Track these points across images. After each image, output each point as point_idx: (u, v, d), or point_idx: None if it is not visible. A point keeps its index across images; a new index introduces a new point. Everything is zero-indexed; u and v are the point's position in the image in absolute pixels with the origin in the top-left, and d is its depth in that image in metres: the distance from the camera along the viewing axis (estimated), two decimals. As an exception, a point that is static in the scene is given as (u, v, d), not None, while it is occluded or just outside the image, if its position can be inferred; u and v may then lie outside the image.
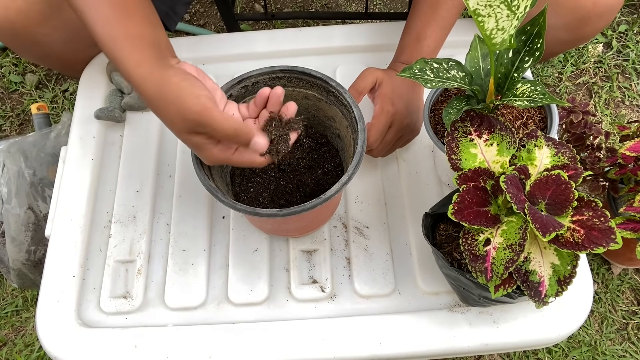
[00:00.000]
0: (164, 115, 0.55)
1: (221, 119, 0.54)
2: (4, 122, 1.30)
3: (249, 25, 1.42)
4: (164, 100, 0.54)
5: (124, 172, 0.80)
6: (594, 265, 1.09)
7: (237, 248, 0.73)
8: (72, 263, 0.72)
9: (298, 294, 0.70)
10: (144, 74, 0.55)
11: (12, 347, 1.05)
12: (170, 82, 0.54)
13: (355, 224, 0.75)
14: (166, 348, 0.66)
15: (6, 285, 1.10)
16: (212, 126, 0.54)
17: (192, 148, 0.58)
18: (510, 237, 0.52)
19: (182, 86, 0.54)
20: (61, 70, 1.13)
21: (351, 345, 0.65)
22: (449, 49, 0.81)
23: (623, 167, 0.84)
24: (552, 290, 0.51)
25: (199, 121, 0.53)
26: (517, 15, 0.50)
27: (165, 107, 0.54)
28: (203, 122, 0.53)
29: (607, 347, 1.02)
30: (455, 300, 0.69)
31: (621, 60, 1.33)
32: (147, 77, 0.55)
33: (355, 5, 1.48)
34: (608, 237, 0.50)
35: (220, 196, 0.58)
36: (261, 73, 0.65)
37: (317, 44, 0.90)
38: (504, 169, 0.57)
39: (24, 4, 0.76)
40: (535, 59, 0.57)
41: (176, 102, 0.53)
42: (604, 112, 1.26)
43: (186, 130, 0.55)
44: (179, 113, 0.53)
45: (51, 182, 0.97)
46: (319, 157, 0.74)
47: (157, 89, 0.54)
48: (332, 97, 0.66)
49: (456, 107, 0.60)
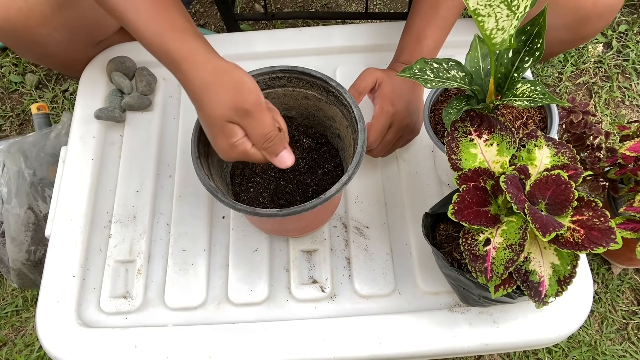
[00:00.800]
0: (212, 99, 0.56)
1: (268, 117, 0.57)
2: (4, 122, 1.30)
3: (249, 25, 1.42)
4: (221, 85, 0.56)
5: (124, 172, 0.80)
6: (594, 265, 1.09)
7: (237, 248, 0.73)
8: (72, 263, 0.72)
9: (298, 294, 0.70)
10: (200, 60, 0.58)
11: (12, 347, 1.05)
12: (232, 71, 0.57)
13: (355, 224, 0.75)
14: (166, 348, 0.66)
15: (6, 285, 1.10)
16: (259, 120, 0.56)
17: (222, 136, 0.58)
18: (510, 237, 0.52)
19: (244, 78, 0.57)
20: (61, 70, 1.13)
21: (351, 345, 0.65)
22: (449, 49, 0.81)
23: (623, 167, 0.84)
24: (552, 290, 0.51)
25: (249, 111, 0.56)
26: (517, 15, 0.50)
27: (220, 92, 0.56)
28: (253, 114, 0.56)
29: (607, 347, 1.02)
30: (455, 300, 0.69)
31: (621, 60, 1.33)
32: (203, 64, 0.57)
33: (355, 5, 1.48)
34: (608, 237, 0.50)
35: (220, 196, 0.58)
36: (261, 73, 0.65)
37: (317, 44, 0.90)
38: (504, 169, 0.57)
39: (24, 4, 0.76)
40: (535, 59, 0.57)
41: (234, 89, 0.56)
42: (604, 112, 1.26)
43: (230, 117, 0.56)
44: (233, 99, 0.56)
45: (51, 182, 0.97)
46: (319, 157, 0.74)
47: (214, 75, 0.57)
48: (332, 97, 0.66)
49: (456, 107, 0.60)
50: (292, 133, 0.74)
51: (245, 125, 0.57)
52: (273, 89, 0.68)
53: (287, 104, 0.71)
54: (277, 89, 0.68)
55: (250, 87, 0.57)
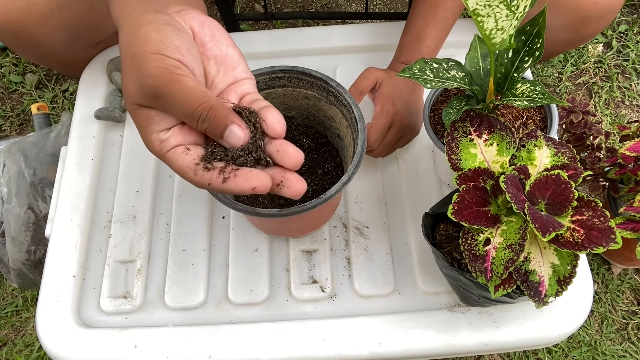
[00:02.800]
0: (123, 76, 0.42)
1: (190, 85, 0.40)
2: (4, 122, 1.30)
3: (249, 25, 1.42)
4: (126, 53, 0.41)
5: (124, 172, 0.80)
6: (594, 265, 1.09)
7: (237, 248, 0.74)
8: (72, 263, 0.72)
9: (298, 294, 0.70)
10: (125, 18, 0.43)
11: (12, 347, 1.05)
12: (138, 33, 0.40)
13: (355, 224, 0.75)
14: (166, 348, 0.66)
15: (6, 285, 1.10)
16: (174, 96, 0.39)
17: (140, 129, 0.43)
18: (510, 237, 0.52)
19: (150, 39, 0.40)
20: (61, 70, 1.13)
21: (351, 345, 0.65)
22: (449, 49, 0.81)
23: (623, 167, 0.84)
24: (552, 290, 0.51)
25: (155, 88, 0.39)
26: (516, 15, 0.50)
27: (125, 64, 0.41)
28: (162, 89, 0.39)
29: (607, 347, 1.02)
30: (455, 300, 0.69)
31: (621, 60, 1.33)
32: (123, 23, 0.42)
33: (355, 5, 1.48)
34: (608, 237, 0.50)
35: (220, 196, 0.58)
36: (261, 73, 0.65)
37: (317, 44, 0.90)
38: (503, 169, 0.57)
39: (24, 4, 0.76)
40: (535, 59, 0.57)
41: (135, 60, 0.40)
42: (604, 112, 1.26)
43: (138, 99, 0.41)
44: (135, 73, 0.40)
45: (51, 182, 0.97)
46: (319, 157, 0.74)
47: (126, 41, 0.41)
48: (332, 97, 0.66)
49: (456, 107, 0.60)
50: (292, 133, 0.74)
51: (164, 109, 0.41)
52: (273, 89, 0.68)
53: (287, 104, 0.71)
54: (277, 89, 0.68)
55: (156, 49, 0.39)
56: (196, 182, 0.42)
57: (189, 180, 0.42)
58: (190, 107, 0.40)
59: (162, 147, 0.42)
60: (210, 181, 0.41)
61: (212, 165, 0.42)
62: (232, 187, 0.41)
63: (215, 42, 0.45)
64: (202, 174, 0.41)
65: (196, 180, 0.41)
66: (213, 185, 0.41)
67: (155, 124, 0.41)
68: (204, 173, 0.41)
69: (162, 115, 0.41)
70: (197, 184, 0.42)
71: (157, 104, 0.40)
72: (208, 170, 0.41)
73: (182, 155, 0.41)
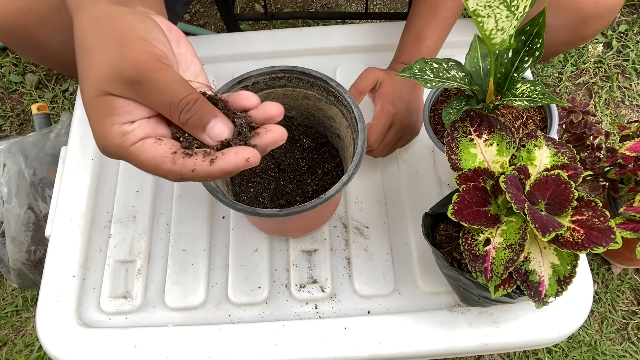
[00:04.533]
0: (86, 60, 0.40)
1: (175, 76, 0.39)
2: (4, 122, 1.30)
3: (249, 25, 1.42)
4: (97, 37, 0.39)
5: (124, 172, 0.80)
6: (594, 265, 1.09)
7: (237, 248, 0.74)
8: (72, 263, 0.72)
9: (298, 294, 0.70)
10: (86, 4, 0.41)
11: (12, 347, 1.05)
12: (118, 19, 0.40)
13: (355, 224, 0.75)
14: (166, 348, 0.66)
15: (6, 285, 1.10)
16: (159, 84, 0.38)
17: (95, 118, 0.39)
18: (510, 237, 0.52)
19: (135, 27, 0.40)
20: (61, 70, 1.13)
21: (351, 345, 0.65)
22: (449, 49, 0.81)
23: (623, 167, 0.84)
24: (552, 290, 0.51)
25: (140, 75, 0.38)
26: (516, 16, 0.50)
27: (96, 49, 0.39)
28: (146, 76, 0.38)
29: (607, 347, 1.02)
30: (455, 300, 0.69)
31: (621, 60, 1.33)
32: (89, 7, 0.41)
33: (355, 5, 1.48)
34: (608, 237, 0.50)
35: (220, 196, 0.58)
36: (261, 73, 0.65)
37: (317, 44, 0.90)
38: (503, 169, 0.57)
39: (24, 4, 0.76)
40: (535, 59, 0.57)
41: (115, 44, 0.38)
42: (604, 112, 1.26)
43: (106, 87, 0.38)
44: (112, 60, 0.38)
45: (51, 182, 0.97)
46: (319, 157, 0.74)
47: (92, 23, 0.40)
48: (332, 97, 0.66)
49: (456, 107, 0.60)
50: (292, 133, 0.74)
51: (140, 98, 0.39)
52: (273, 89, 0.68)
53: (287, 104, 0.71)
54: (277, 89, 0.68)
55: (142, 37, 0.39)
56: (174, 171, 0.38)
57: (164, 171, 0.38)
58: (177, 96, 0.38)
59: (125, 140, 0.38)
60: (195, 166, 0.38)
61: (194, 151, 0.39)
62: (224, 166, 0.38)
63: (180, 50, 0.45)
64: (183, 161, 0.38)
65: (174, 169, 0.38)
66: (198, 170, 0.38)
67: (118, 115, 0.38)
68: (184, 160, 0.38)
69: (130, 106, 0.39)
70: (174, 175, 0.38)
71: (134, 91, 0.38)
72: (190, 157, 0.38)
73: (154, 145, 0.39)
